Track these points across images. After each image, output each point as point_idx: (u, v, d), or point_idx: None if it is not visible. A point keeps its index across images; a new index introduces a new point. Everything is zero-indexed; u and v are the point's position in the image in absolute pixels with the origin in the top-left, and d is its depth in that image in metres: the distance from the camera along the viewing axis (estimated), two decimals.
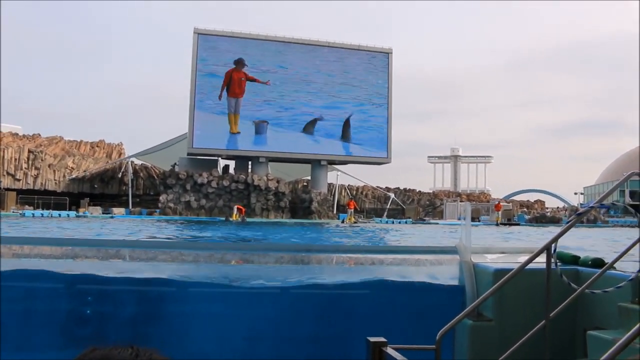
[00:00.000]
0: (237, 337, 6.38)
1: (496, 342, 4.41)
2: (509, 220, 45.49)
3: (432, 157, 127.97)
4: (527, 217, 49.92)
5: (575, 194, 67.42)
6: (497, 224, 41.56)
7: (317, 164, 48.22)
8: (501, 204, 50.52)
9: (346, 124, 48.35)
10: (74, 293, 6.36)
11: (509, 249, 6.22)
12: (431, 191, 72.54)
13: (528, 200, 70.48)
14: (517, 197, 76.15)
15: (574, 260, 4.97)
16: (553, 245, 3.70)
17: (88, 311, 6.24)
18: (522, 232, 29.75)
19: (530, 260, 3.77)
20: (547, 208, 65.20)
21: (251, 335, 6.42)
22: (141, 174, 53.12)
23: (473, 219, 7.94)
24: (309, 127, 47.30)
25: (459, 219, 45.92)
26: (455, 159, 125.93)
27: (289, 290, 6.55)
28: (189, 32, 46.01)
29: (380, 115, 49.32)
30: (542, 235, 25.18)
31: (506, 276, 3.78)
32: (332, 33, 74.46)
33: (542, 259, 3.75)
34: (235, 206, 41.73)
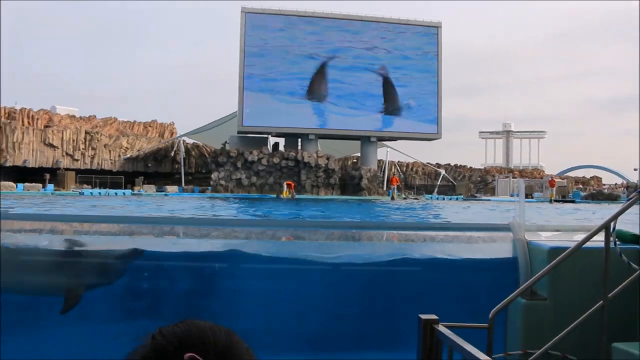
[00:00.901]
0: (288, 313, 6.47)
1: (550, 321, 4.33)
2: (564, 197, 44.33)
3: (484, 132, 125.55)
4: (582, 194, 48.52)
5: (635, 170, 65.07)
6: (550, 201, 40.56)
7: (366, 140, 47.99)
8: (555, 180, 49.22)
9: (394, 97, 47.83)
10: (133, 268, 6.57)
11: (564, 227, 6.06)
12: (482, 167, 71.29)
13: (584, 177, 68.47)
14: (572, 173, 74.08)
15: (635, 239, 4.81)
16: (612, 223, 3.59)
17: (145, 286, 6.44)
18: (578, 210, 28.97)
19: (587, 239, 3.67)
20: (604, 185, 63.22)
21: (302, 311, 6.50)
22: (193, 153, 54.06)
23: (526, 196, 7.78)
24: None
25: (512, 195, 45.05)
26: (507, 134, 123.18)
27: (339, 266, 6.59)
28: (237, 11, 46.22)
29: (430, 91, 48.58)
30: (599, 212, 24.47)
31: (562, 254, 3.70)
32: (381, 8, 73.28)
33: (600, 237, 3.65)
34: (285, 182, 42.04)
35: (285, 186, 41.49)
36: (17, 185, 38.10)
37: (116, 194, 39.78)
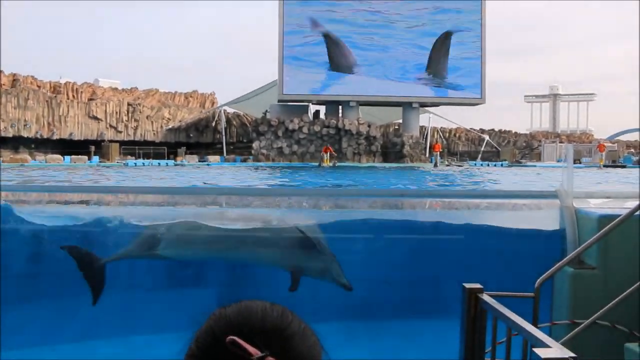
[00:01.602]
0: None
1: (599, 291, 4.22)
2: (614, 162, 43.03)
3: (529, 96, 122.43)
4: (634, 158, 47.00)
5: None
6: (600, 167, 39.47)
7: (408, 106, 47.38)
8: (605, 144, 47.75)
9: (438, 61, 46.93)
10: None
11: (614, 194, 5.87)
12: (528, 132, 69.67)
13: (636, 141, 66.22)
14: (623, 137, 71.72)
15: None
16: None
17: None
18: (630, 175, 28.09)
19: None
20: None
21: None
22: (234, 122, 54.43)
23: (574, 161, 7.55)
24: None
25: (559, 161, 44.01)
26: (554, 97, 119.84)
27: (382, 234, 6.56)
28: None
29: (473, 55, 47.45)
30: None
31: (613, 222, 3.58)
32: None
33: None
34: (323, 148, 41.78)
35: (322, 153, 41.17)
36: (64, 157, 39.17)
37: (159, 164, 40.49)
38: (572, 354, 2.15)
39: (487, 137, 55.86)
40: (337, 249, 5.98)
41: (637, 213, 3.60)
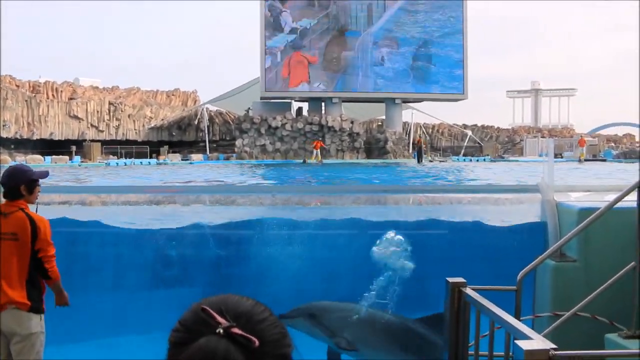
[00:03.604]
0: (315, 277, 6.51)
1: (581, 283, 4.27)
2: (595, 156, 43.51)
3: (511, 91, 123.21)
4: (614, 152, 47.55)
5: None
6: (580, 161, 39.90)
7: (391, 102, 47.47)
8: (585, 139, 48.25)
9: (420, 58, 47.09)
10: (158, 237, 6.65)
11: (595, 187, 5.95)
12: (510, 127, 70.14)
13: (616, 135, 66.92)
14: (604, 132, 72.49)
15: None
16: None
17: (173, 254, 6.53)
18: (610, 169, 28.43)
19: (619, 199, 3.58)
20: (637, 142, 61.75)
21: (329, 275, 6.53)
22: (217, 120, 54.15)
23: (555, 156, 7.62)
24: None
25: (540, 155, 44.40)
26: (535, 92, 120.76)
27: (365, 231, 6.58)
28: None
29: (455, 51, 47.66)
30: (631, 172, 23.97)
31: (593, 215, 3.62)
32: None
33: (632, 197, 3.56)
34: (314, 143, 41.64)
35: (315, 150, 41.03)
36: (44, 158, 38.73)
37: (141, 163, 40.20)
38: (553, 345, 2.18)
39: (469, 133, 56.18)
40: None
41: (617, 206, 3.65)
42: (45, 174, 4.57)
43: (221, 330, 0.97)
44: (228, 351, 0.95)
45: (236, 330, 0.97)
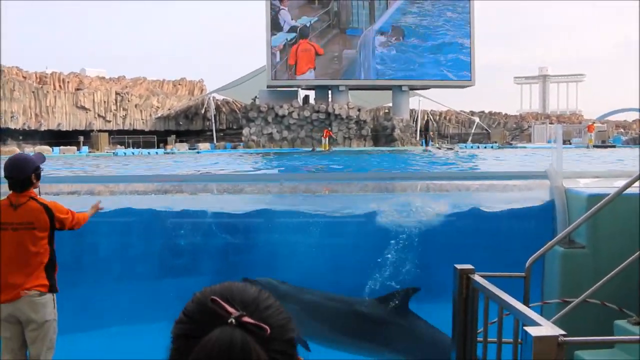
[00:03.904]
0: (322, 266, 6.52)
1: (589, 269, 4.26)
2: (604, 142, 43.20)
3: (519, 77, 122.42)
4: (624, 138, 47.21)
5: None
6: (589, 147, 39.66)
7: (398, 90, 47.25)
8: (594, 124, 47.92)
9: (426, 45, 46.80)
10: (167, 226, 6.67)
11: (604, 173, 5.91)
12: (518, 114, 69.73)
13: (625, 120, 66.41)
14: (613, 117, 71.95)
15: None
16: None
17: (182, 243, 6.56)
18: (619, 155, 28.24)
19: (629, 185, 3.56)
20: None
21: (336, 264, 6.54)
22: (223, 109, 54.12)
23: (564, 142, 7.58)
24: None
25: (549, 142, 44.15)
26: (543, 78, 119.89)
27: (373, 218, 6.57)
28: None
29: (462, 37, 47.32)
30: None
31: (602, 201, 3.60)
32: None
33: None
34: (324, 131, 41.61)
35: (323, 139, 41.01)
36: (52, 149, 38.86)
37: (149, 153, 40.27)
38: (563, 332, 2.17)
39: (477, 119, 55.92)
40: None
41: (626, 192, 3.63)
42: (42, 158, 4.66)
43: (233, 320, 0.96)
44: (245, 341, 0.94)
45: (247, 319, 0.97)
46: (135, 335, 5.61)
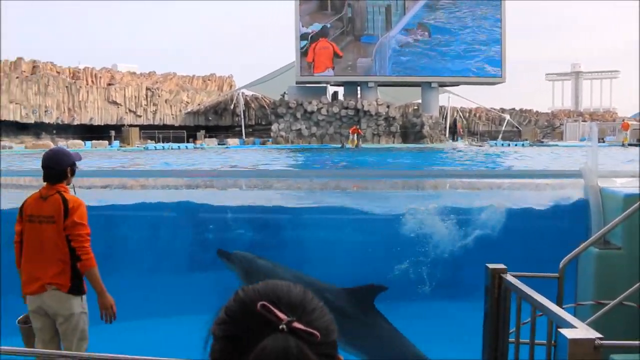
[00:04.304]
0: (348, 260, 6.51)
1: (625, 271, 4.17)
2: (639, 141, 42.27)
3: (551, 74, 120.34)
4: None
5: None
6: (624, 145, 38.83)
7: (427, 86, 46.92)
8: (629, 122, 46.89)
9: (457, 41, 46.33)
10: (196, 221, 6.73)
11: None
12: (550, 111, 68.65)
13: None
14: None
15: None
16: None
17: (210, 237, 6.61)
18: None
19: None
20: None
21: (364, 259, 6.52)
22: (252, 105, 54.39)
23: (598, 140, 7.42)
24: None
25: (581, 140, 43.37)
26: (576, 75, 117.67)
27: (401, 215, 6.53)
28: None
29: (493, 33, 46.73)
30: None
31: (639, 201, 3.52)
32: None
33: None
34: (350, 129, 41.51)
35: (350, 134, 40.91)
36: (84, 143, 39.53)
37: (179, 147, 40.69)
38: (599, 335, 2.13)
39: (507, 117, 55.21)
40: None
41: None
42: (80, 157, 4.63)
43: (284, 327, 0.94)
44: (299, 348, 0.92)
45: (297, 324, 0.94)
46: (171, 327, 5.70)
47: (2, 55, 44.90)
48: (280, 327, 0.93)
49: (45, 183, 4.43)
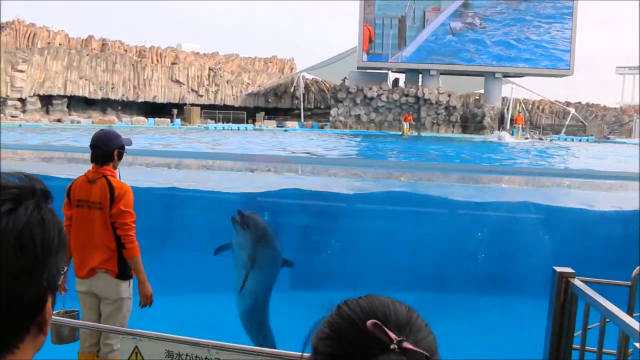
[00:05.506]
0: (401, 252, 6.49)
1: None
2: None
3: (621, 67, 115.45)
4: None
5: None
6: None
7: (490, 76, 45.85)
8: None
9: (524, 31, 45.01)
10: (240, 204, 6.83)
11: None
12: (618, 106, 65.97)
13: None
14: None
15: None
16: None
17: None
18: None
19: None
20: None
21: (415, 251, 6.49)
22: (312, 88, 54.50)
23: None
24: None
25: None
26: None
27: (457, 210, 6.46)
28: None
29: (563, 22, 45.16)
30: None
31: None
32: None
33: None
34: (403, 116, 40.92)
35: (404, 122, 40.31)
36: (147, 119, 40.58)
37: (238, 128, 41.26)
38: None
39: (572, 111, 53.35)
40: None
41: None
42: (129, 142, 4.55)
43: (396, 347, 0.92)
44: None
45: (407, 344, 0.92)
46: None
47: (74, 33, 46.35)
48: (392, 347, 0.92)
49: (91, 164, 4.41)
